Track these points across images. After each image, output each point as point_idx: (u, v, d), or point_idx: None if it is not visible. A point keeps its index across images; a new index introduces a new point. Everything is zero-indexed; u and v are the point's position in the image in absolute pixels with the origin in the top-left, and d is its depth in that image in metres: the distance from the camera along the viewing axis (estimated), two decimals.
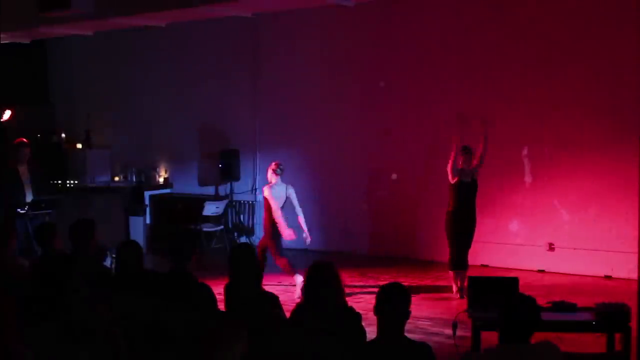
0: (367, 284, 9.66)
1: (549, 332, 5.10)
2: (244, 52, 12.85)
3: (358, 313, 4.61)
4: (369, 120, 11.71)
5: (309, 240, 9.11)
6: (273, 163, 9.20)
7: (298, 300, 4.71)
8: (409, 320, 3.98)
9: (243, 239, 12.37)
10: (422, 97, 11.24)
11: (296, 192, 9.23)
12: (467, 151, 8.82)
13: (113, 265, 6.31)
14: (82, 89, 14.77)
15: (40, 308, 4.51)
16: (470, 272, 7.55)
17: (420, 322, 7.67)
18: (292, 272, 8.97)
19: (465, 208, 8.87)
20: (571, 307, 5.96)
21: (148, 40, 13.43)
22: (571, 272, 10.07)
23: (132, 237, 11.22)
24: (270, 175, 9.16)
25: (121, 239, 9.38)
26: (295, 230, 9.03)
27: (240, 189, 12.81)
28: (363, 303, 7.88)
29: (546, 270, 10.21)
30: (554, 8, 10.20)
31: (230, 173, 12.58)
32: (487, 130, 8.89)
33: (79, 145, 14.38)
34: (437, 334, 7.35)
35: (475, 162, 8.87)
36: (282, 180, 9.17)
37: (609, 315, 5.64)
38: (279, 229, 8.95)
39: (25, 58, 14.18)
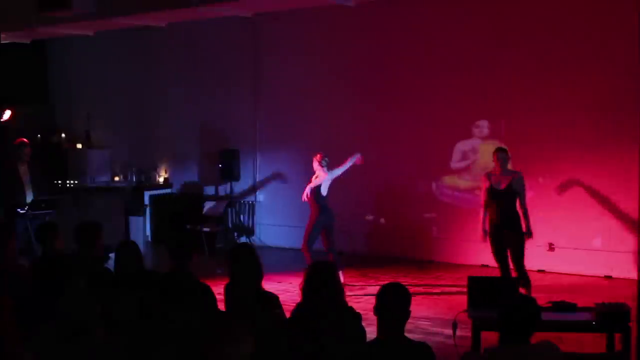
0: (367, 284, 9.67)
1: (549, 332, 5.09)
2: (244, 52, 12.85)
3: (358, 313, 4.61)
4: (369, 120, 11.70)
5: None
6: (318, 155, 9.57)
7: (298, 300, 4.70)
8: (409, 320, 3.98)
9: (243, 239, 12.37)
10: (423, 97, 11.24)
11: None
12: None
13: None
14: (82, 89, 14.78)
15: (39, 308, 4.51)
16: (470, 272, 7.54)
17: (420, 322, 7.67)
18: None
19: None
20: (571, 307, 5.95)
21: (148, 40, 13.44)
22: (571, 272, 10.07)
23: (132, 237, 11.22)
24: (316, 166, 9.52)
25: (121, 239, 9.39)
26: None
27: (240, 189, 12.81)
28: (363, 303, 7.88)
29: (546, 270, 10.21)
30: (554, 8, 10.21)
31: (230, 173, 12.58)
32: None
33: (79, 145, 14.39)
34: (437, 334, 7.35)
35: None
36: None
37: (609, 315, 5.63)
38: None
39: (25, 58, 14.18)
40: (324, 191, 9.46)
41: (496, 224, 8.29)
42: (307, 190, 9.49)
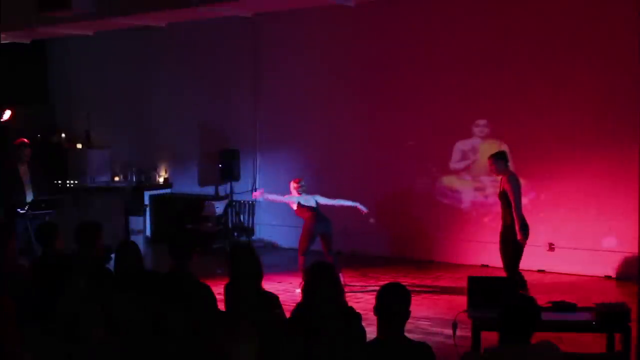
0: (367, 284, 9.66)
1: (549, 332, 5.09)
2: (244, 52, 12.85)
3: (358, 313, 4.61)
4: (369, 120, 11.70)
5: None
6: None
7: (298, 300, 4.70)
8: (409, 320, 3.98)
9: (243, 239, 12.36)
10: (423, 97, 11.24)
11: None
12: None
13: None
14: (82, 89, 14.77)
15: (39, 308, 4.51)
16: (470, 272, 7.54)
17: (420, 322, 7.67)
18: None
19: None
20: (571, 307, 5.96)
21: (148, 40, 13.43)
22: (571, 272, 10.07)
23: (132, 237, 11.22)
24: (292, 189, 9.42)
25: (121, 239, 9.38)
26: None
27: (240, 189, 12.81)
28: (363, 303, 7.90)
29: (546, 270, 10.21)
30: (554, 8, 10.21)
31: (230, 173, 12.58)
32: None
33: (79, 145, 14.39)
34: (437, 334, 7.35)
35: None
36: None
37: (609, 315, 5.63)
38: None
39: (25, 58, 14.18)
40: (311, 204, 9.39)
41: (502, 225, 8.40)
42: (260, 192, 9.69)
